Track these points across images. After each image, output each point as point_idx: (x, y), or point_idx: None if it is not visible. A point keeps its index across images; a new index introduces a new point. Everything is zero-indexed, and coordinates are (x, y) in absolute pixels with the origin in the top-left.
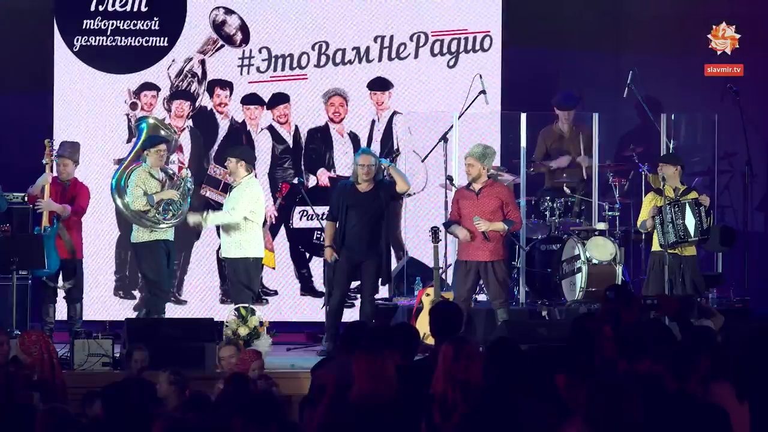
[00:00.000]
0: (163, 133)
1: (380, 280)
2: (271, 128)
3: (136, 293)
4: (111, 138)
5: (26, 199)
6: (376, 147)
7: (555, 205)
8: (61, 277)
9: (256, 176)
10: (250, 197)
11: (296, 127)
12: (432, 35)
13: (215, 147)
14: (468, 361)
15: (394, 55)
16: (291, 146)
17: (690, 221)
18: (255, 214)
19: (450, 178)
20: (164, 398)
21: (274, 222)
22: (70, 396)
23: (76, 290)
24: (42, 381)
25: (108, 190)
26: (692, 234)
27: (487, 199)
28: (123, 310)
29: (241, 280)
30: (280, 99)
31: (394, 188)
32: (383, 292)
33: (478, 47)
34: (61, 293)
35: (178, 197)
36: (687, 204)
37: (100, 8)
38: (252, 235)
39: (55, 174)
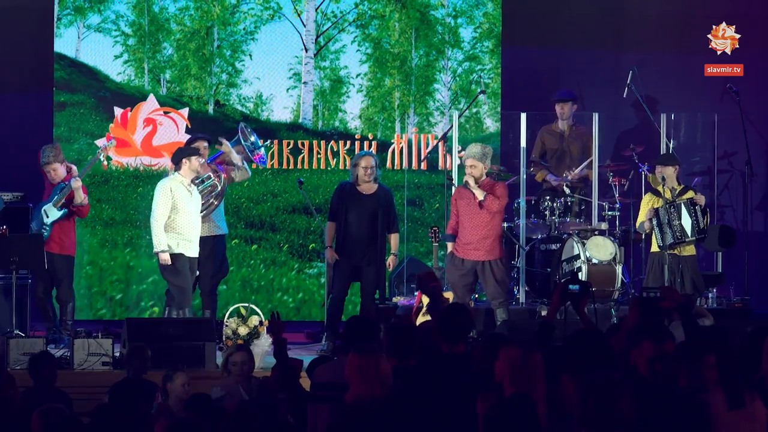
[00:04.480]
0: None
1: (379, 285)
2: None
3: None
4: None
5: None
6: None
7: (555, 204)
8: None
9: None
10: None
11: None
12: None
13: None
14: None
15: None
16: None
17: (686, 221)
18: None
19: (450, 177)
20: (179, 399)
21: None
22: (69, 396)
23: (66, 291)
24: None
25: None
26: (689, 234)
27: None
28: None
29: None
30: None
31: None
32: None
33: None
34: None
35: None
36: (682, 204)
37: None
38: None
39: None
